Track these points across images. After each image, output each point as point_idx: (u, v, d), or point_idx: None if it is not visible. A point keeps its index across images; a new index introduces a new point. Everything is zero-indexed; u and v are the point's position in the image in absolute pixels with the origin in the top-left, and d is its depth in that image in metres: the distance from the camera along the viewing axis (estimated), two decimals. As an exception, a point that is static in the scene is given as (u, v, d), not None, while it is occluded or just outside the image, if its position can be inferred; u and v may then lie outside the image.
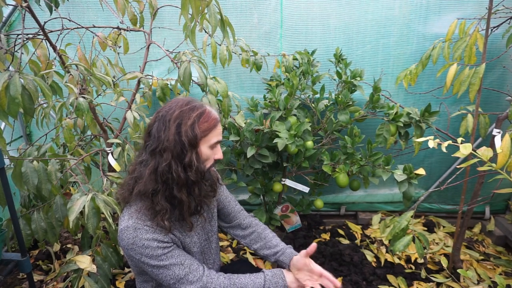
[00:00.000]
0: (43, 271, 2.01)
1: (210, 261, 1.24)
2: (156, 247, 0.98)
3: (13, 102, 1.07)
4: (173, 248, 1.02)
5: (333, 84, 2.06)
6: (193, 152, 0.98)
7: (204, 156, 1.02)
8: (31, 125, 2.30)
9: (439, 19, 2.07)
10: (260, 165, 1.69)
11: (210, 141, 1.01)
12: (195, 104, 1.02)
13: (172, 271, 1.00)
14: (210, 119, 1.01)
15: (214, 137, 1.02)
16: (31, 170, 1.38)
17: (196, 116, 0.98)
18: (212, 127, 1.01)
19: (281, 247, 1.22)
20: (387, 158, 1.57)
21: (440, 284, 1.89)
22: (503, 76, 2.13)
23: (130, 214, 1.00)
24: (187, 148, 0.96)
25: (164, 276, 1.00)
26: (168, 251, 1.01)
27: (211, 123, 1.01)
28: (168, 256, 1.00)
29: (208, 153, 1.03)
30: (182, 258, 1.03)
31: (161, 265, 0.99)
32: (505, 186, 1.40)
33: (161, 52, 1.89)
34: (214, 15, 1.19)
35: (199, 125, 0.98)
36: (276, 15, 2.06)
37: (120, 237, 0.99)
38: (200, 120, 0.99)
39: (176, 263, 1.01)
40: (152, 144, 0.98)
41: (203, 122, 0.99)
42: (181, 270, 1.01)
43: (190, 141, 0.96)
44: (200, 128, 0.98)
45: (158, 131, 0.97)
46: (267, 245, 1.24)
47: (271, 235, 1.27)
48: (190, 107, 0.99)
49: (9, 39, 1.85)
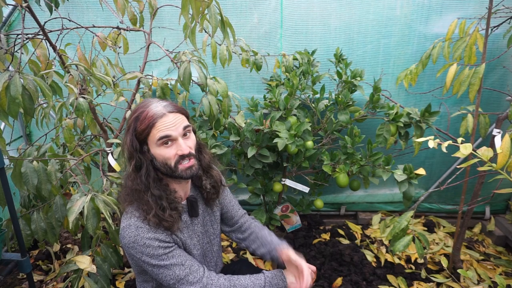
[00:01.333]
0: (43, 271, 2.01)
1: (212, 263, 1.24)
2: (157, 246, 0.98)
3: (13, 102, 1.07)
4: (174, 248, 1.02)
5: (333, 84, 2.06)
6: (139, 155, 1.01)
7: (159, 157, 1.00)
8: (31, 125, 2.30)
9: (441, 19, 2.06)
10: (260, 165, 1.69)
11: (154, 140, 0.99)
12: (140, 106, 1.03)
13: (173, 271, 1.00)
14: (146, 119, 0.98)
15: (156, 134, 0.98)
16: (31, 170, 1.38)
17: (133, 120, 1.00)
18: (149, 126, 0.98)
19: (273, 244, 1.20)
20: (387, 158, 1.57)
21: (440, 284, 1.89)
22: (504, 76, 2.13)
23: (132, 213, 1.01)
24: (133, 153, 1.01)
25: (164, 276, 1.00)
26: (169, 251, 1.01)
27: (146, 122, 0.98)
28: (169, 256, 1.00)
29: (162, 152, 0.99)
30: (183, 258, 1.03)
31: (161, 264, 0.99)
32: (505, 186, 1.40)
33: (161, 52, 1.89)
34: (214, 16, 1.19)
35: (137, 129, 0.99)
36: (276, 15, 2.06)
37: (122, 235, 0.99)
38: (137, 123, 0.99)
39: (176, 263, 1.01)
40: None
41: (139, 124, 0.99)
42: (182, 271, 1.01)
43: (134, 146, 1.00)
44: (137, 132, 0.99)
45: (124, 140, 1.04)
46: (263, 243, 1.24)
47: (267, 234, 1.26)
48: (134, 111, 1.03)
49: (9, 39, 1.85)
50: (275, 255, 1.18)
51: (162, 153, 0.99)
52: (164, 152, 0.99)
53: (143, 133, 0.98)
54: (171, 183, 1.06)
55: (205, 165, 1.15)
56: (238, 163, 1.78)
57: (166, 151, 0.99)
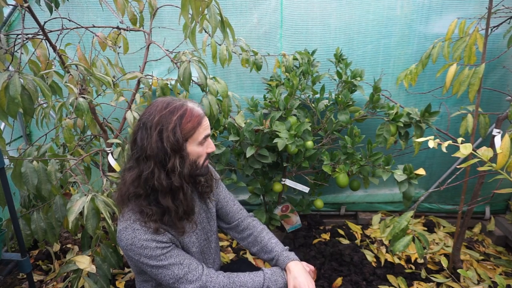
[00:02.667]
0: (43, 271, 2.01)
1: (210, 260, 1.24)
2: (155, 247, 0.98)
3: (12, 102, 1.07)
4: (171, 248, 1.02)
5: (333, 84, 2.06)
6: (177, 156, 0.97)
7: (195, 154, 1.01)
8: (31, 125, 2.30)
9: (441, 19, 2.06)
10: (260, 165, 1.69)
11: (198, 138, 1.00)
12: (175, 105, 0.99)
13: (171, 271, 1.00)
14: (193, 118, 0.98)
15: (201, 133, 1.00)
16: (31, 170, 1.38)
17: (177, 118, 0.96)
18: (196, 125, 0.99)
19: (275, 252, 1.20)
20: (387, 158, 1.57)
21: (440, 284, 1.89)
22: (504, 76, 2.13)
23: (129, 215, 1.01)
24: (169, 154, 0.95)
25: (163, 276, 1.00)
26: (167, 251, 1.01)
27: (194, 121, 0.98)
28: (167, 256, 1.00)
29: (199, 150, 1.02)
30: (181, 257, 1.03)
31: (160, 265, 0.99)
32: (505, 186, 1.40)
33: (161, 52, 1.89)
34: (214, 16, 1.19)
35: (182, 127, 0.97)
36: (276, 15, 2.06)
37: (119, 238, 0.99)
38: (183, 121, 0.97)
39: (175, 262, 1.01)
40: (136, 152, 0.98)
41: (186, 123, 0.97)
42: (180, 270, 1.01)
43: (172, 146, 0.95)
44: (184, 130, 0.97)
45: (141, 139, 0.96)
46: (264, 250, 1.23)
47: (267, 238, 1.25)
48: (170, 110, 0.97)
49: (9, 39, 1.85)
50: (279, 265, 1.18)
51: (199, 150, 1.02)
52: (200, 150, 1.02)
53: (190, 131, 0.98)
54: None
55: None
56: (237, 163, 1.78)
57: (202, 149, 1.03)
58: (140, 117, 1.01)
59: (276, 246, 1.22)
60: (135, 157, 0.99)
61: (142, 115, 1.00)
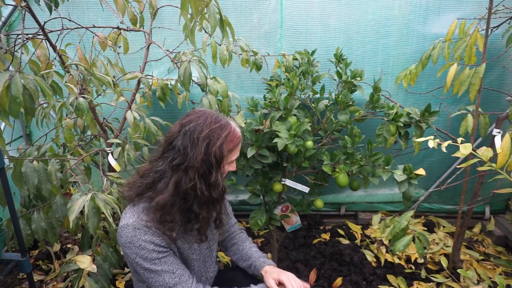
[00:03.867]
0: (43, 271, 2.01)
1: (211, 268, 1.25)
2: (152, 250, 0.98)
3: (14, 101, 1.07)
4: (168, 255, 1.03)
5: (333, 84, 2.06)
6: (219, 171, 0.99)
7: (224, 172, 1.05)
8: (31, 125, 2.30)
9: (439, 19, 2.07)
10: (260, 165, 1.69)
11: (232, 158, 1.04)
12: (223, 121, 1.02)
13: (162, 278, 1.00)
14: (235, 138, 1.02)
15: (235, 154, 1.05)
16: (31, 170, 1.38)
17: (224, 136, 0.99)
18: (236, 145, 1.03)
19: (252, 259, 1.25)
20: (387, 158, 1.57)
21: (440, 284, 1.89)
22: (503, 76, 2.13)
23: (132, 213, 1.01)
24: (214, 167, 0.97)
25: (154, 281, 1.01)
26: (162, 256, 1.01)
27: (235, 142, 1.03)
28: (162, 262, 1.01)
29: (227, 168, 1.06)
30: (175, 266, 1.03)
31: (153, 269, 1.00)
32: (505, 186, 1.40)
33: (161, 52, 1.89)
34: (213, 15, 1.19)
35: (226, 145, 0.99)
36: (276, 15, 2.06)
37: (119, 234, 1.00)
38: (227, 139, 0.99)
39: (167, 270, 1.01)
40: (175, 158, 0.97)
41: (229, 141, 1.00)
42: (171, 279, 1.01)
43: (217, 161, 0.97)
44: (226, 148, 0.99)
45: (184, 146, 0.96)
46: (243, 257, 1.28)
47: (248, 247, 1.30)
48: (219, 125, 0.99)
49: (9, 39, 1.85)
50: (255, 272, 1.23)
51: (228, 169, 1.07)
52: (227, 169, 1.06)
53: (230, 150, 1.02)
54: None
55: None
56: (237, 163, 1.78)
57: (228, 168, 1.07)
58: (182, 123, 1.00)
59: (255, 253, 1.27)
60: (173, 164, 0.97)
61: (187, 122, 0.99)
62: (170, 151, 0.99)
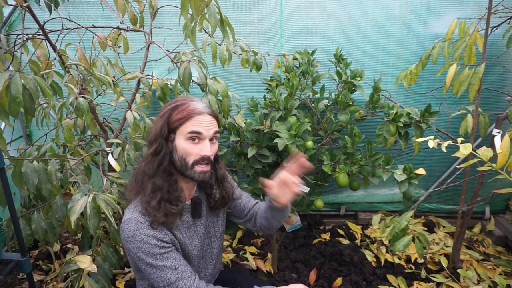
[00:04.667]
0: (43, 271, 2.01)
1: (210, 266, 1.24)
2: (154, 245, 0.98)
3: (14, 101, 1.07)
4: (170, 250, 1.02)
5: (333, 84, 2.06)
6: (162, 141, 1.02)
7: (181, 150, 1.02)
8: (31, 125, 2.30)
9: (439, 19, 2.06)
10: (260, 165, 1.69)
11: (184, 132, 1.01)
12: (179, 99, 1.06)
13: (164, 274, 1.00)
14: (184, 111, 1.02)
15: (188, 127, 1.00)
16: (31, 170, 1.38)
17: (170, 108, 1.03)
18: (184, 118, 1.01)
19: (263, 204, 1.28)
20: (387, 158, 1.57)
21: (440, 284, 1.89)
22: (503, 76, 2.13)
23: (136, 208, 1.02)
24: (157, 137, 1.02)
25: (155, 276, 1.00)
26: (164, 251, 1.01)
27: (183, 114, 1.01)
28: (164, 257, 1.00)
29: (186, 146, 1.01)
30: (177, 262, 1.02)
31: (155, 264, 0.99)
32: (505, 186, 1.40)
33: (161, 52, 1.89)
34: (213, 15, 1.19)
35: (172, 117, 1.02)
36: (276, 15, 2.06)
37: (122, 228, 1.00)
38: (174, 112, 1.02)
39: (170, 266, 1.01)
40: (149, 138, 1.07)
41: (175, 114, 1.02)
42: (173, 275, 1.00)
43: (161, 129, 1.01)
44: (171, 119, 1.01)
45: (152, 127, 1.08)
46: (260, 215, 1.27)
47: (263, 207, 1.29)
48: (172, 103, 1.05)
49: (9, 39, 1.85)
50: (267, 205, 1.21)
51: (186, 147, 1.01)
52: (188, 147, 1.01)
53: (176, 122, 1.01)
54: (180, 181, 1.08)
55: (219, 175, 1.18)
56: (238, 164, 1.78)
57: (191, 146, 1.01)
58: None
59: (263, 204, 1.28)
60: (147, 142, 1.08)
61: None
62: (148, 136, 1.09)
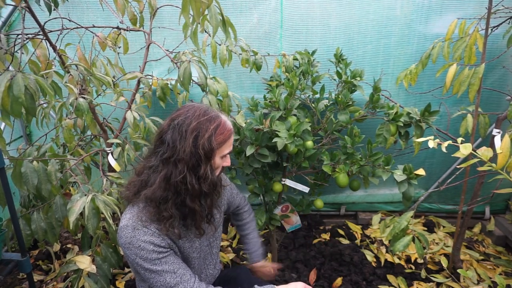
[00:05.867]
0: (43, 271, 2.01)
1: (211, 266, 1.24)
2: (152, 250, 0.98)
3: (16, 101, 1.07)
4: (168, 254, 1.02)
5: (333, 84, 2.06)
6: (208, 164, 0.99)
7: (216, 166, 1.04)
8: (31, 125, 2.30)
9: (440, 19, 2.06)
10: (259, 164, 1.69)
11: (223, 152, 1.03)
12: (212, 114, 1.01)
13: (164, 278, 1.00)
14: (225, 131, 1.01)
15: (227, 148, 1.04)
16: (31, 170, 1.38)
17: (213, 128, 0.98)
18: (227, 139, 1.02)
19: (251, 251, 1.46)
20: (387, 158, 1.57)
21: (440, 284, 1.89)
22: (503, 76, 2.13)
23: (132, 214, 1.01)
24: (203, 160, 0.97)
25: (155, 281, 1.00)
26: (162, 256, 1.00)
27: (226, 135, 1.01)
28: (162, 262, 1.00)
29: (219, 162, 1.05)
30: (175, 266, 1.02)
31: (153, 269, 0.99)
32: (505, 186, 1.40)
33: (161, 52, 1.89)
34: (215, 16, 1.19)
35: (216, 138, 0.99)
36: (276, 15, 2.06)
37: (119, 235, 0.99)
38: (217, 132, 0.99)
39: (168, 270, 1.00)
40: (165, 152, 0.97)
41: (219, 134, 0.99)
42: (173, 279, 1.00)
43: (206, 154, 0.97)
44: (216, 141, 0.99)
45: (173, 140, 0.96)
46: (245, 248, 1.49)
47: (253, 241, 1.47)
48: (208, 118, 0.99)
49: (9, 39, 1.84)
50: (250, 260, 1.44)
51: (219, 163, 1.05)
52: (220, 163, 1.05)
53: (220, 143, 1.01)
54: None
55: None
56: (238, 162, 1.78)
57: (221, 162, 1.06)
58: (172, 118, 1.01)
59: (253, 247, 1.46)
60: (163, 158, 0.98)
61: (176, 116, 1.00)
62: (160, 146, 0.99)
